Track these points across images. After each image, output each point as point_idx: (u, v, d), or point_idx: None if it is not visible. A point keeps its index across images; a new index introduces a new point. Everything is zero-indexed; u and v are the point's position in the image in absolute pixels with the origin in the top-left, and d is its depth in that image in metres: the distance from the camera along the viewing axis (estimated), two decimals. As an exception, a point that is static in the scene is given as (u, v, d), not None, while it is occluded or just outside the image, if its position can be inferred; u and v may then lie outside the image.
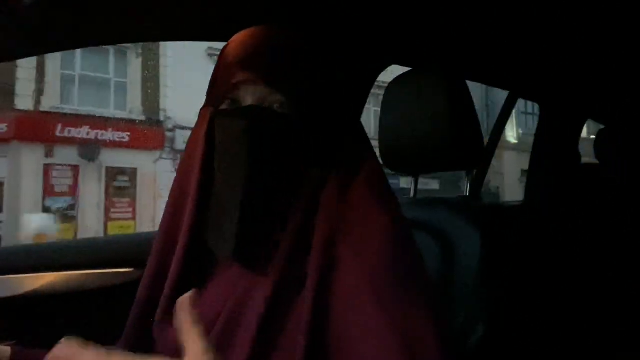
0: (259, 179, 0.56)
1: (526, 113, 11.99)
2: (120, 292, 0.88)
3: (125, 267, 1.00)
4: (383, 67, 1.29)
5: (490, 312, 0.91)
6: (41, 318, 0.92)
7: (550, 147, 1.76)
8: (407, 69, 1.15)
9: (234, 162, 0.57)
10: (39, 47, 0.77)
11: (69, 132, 7.93)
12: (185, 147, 0.65)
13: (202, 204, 0.59)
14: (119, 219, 8.58)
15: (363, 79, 1.27)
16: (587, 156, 1.83)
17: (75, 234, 7.90)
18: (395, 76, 1.08)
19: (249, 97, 0.58)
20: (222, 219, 0.57)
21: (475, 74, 1.55)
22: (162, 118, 8.74)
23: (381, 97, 1.08)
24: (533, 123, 9.94)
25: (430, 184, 10.85)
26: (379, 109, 1.09)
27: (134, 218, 8.73)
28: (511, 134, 12.06)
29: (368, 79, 1.27)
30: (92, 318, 0.94)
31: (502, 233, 1.01)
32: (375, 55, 1.27)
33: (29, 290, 0.91)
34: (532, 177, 1.75)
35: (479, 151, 1.00)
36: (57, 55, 7.52)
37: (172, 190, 0.65)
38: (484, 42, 1.33)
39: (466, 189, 1.09)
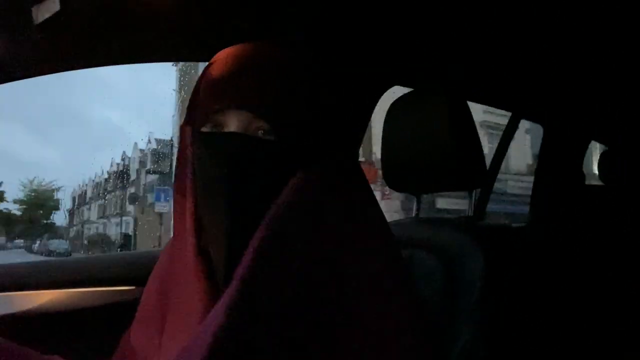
0: (241, 208, 0.55)
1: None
2: (121, 310, 0.88)
3: (126, 285, 0.99)
4: (385, 89, 1.31)
5: (493, 332, 0.89)
6: (41, 335, 0.91)
7: (553, 169, 1.75)
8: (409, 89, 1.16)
9: (217, 189, 0.56)
10: (49, 66, 0.79)
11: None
12: (175, 169, 0.64)
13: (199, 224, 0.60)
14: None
15: (365, 100, 1.28)
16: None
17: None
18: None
19: (232, 122, 0.57)
20: (212, 245, 0.58)
21: (477, 95, 1.56)
22: (373, 159, 10.12)
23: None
24: None
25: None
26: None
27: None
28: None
29: (370, 101, 1.28)
30: (92, 336, 0.94)
31: (505, 254, 1.01)
32: (378, 77, 1.28)
33: (30, 308, 0.91)
34: (536, 198, 1.74)
35: (480, 171, 1.00)
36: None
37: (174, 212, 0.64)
38: (486, 63, 1.34)
39: (469, 210, 1.09)
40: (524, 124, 1.81)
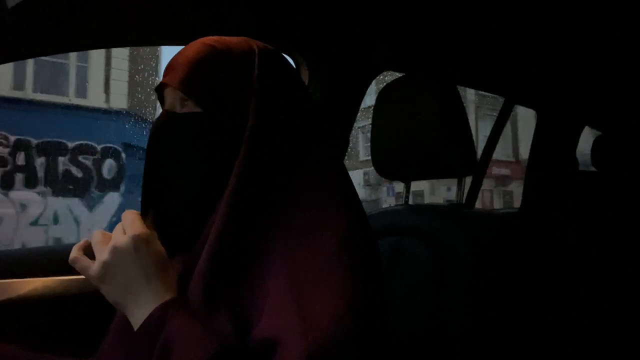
0: (156, 174, 0.62)
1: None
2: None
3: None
4: (377, 73, 1.29)
5: (482, 318, 0.90)
6: (27, 323, 0.91)
7: (547, 155, 1.75)
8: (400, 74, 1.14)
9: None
10: (25, 51, 0.77)
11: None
12: None
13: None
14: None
15: (356, 84, 1.26)
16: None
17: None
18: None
19: (166, 100, 0.64)
20: None
21: (471, 80, 1.55)
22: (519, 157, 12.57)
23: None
24: None
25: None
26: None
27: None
28: None
29: (361, 85, 1.27)
30: (77, 323, 0.93)
31: (495, 241, 1.00)
32: (369, 61, 1.26)
33: (15, 296, 0.90)
34: (529, 184, 1.74)
35: (470, 158, 0.99)
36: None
37: None
38: (480, 47, 1.32)
39: (458, 196, 1.08)
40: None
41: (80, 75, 7.75)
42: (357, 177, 12.36)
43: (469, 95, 10.52)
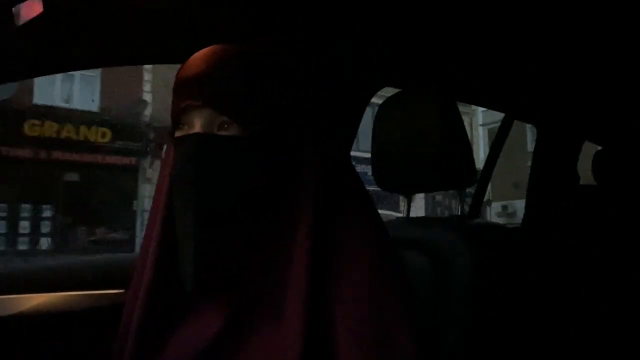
0: (208, 208, 0.56)
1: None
2: (110, 313, 0.87)
3: (117, 289, 0.98)
4: (376, 89, 1.31)
5: (482, 331, 0.89)
6: (29, 339, 0.90)
7: (548, 169, 1.75)
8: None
9: (183, 192, 0.57)
10: (32, 70, 0.79)
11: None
12: (160, 168, 0.65)
13: (168, 236, 0.60)
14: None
15: (355, 101, 1.28)
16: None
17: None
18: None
19: (196, 121, 0.58)
20: (182, 250, 0.58)
21: (471, 96, 1.56)
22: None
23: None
24: None
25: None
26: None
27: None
28: None
29: (361, 101, 1.28)
30: (80, 340, 0.93)
31: (496, 253, 1.00)
32: (368, 77, 1.28)
33: (17, 312, 0.90)
34: (531, 199, 1.74)
35: (470, 171, 1.00)
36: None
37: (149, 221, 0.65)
38: (479, 64, 1.34)
39: (457, 209, 1.09)
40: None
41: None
42: (496, 207, 12.66)
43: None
